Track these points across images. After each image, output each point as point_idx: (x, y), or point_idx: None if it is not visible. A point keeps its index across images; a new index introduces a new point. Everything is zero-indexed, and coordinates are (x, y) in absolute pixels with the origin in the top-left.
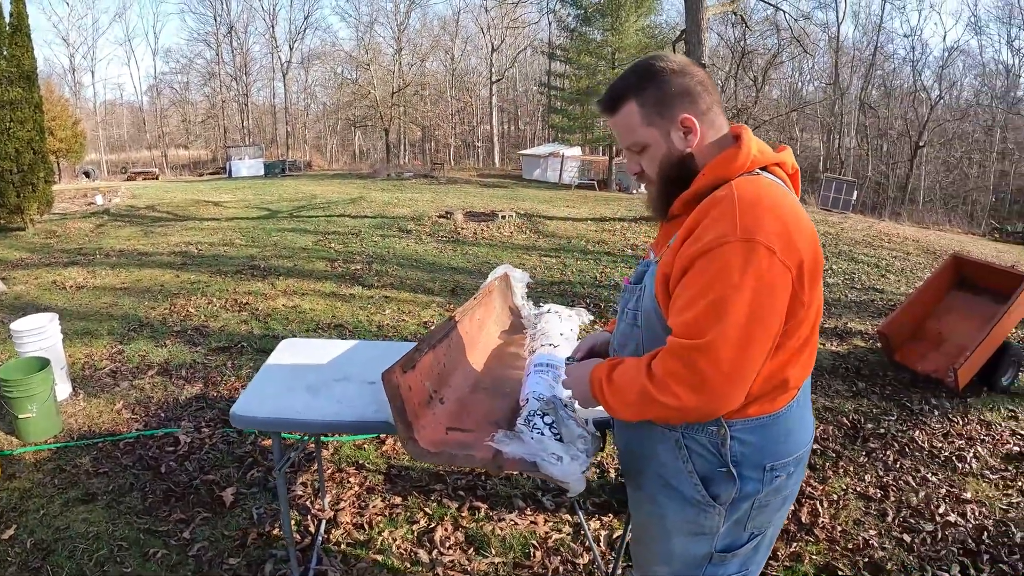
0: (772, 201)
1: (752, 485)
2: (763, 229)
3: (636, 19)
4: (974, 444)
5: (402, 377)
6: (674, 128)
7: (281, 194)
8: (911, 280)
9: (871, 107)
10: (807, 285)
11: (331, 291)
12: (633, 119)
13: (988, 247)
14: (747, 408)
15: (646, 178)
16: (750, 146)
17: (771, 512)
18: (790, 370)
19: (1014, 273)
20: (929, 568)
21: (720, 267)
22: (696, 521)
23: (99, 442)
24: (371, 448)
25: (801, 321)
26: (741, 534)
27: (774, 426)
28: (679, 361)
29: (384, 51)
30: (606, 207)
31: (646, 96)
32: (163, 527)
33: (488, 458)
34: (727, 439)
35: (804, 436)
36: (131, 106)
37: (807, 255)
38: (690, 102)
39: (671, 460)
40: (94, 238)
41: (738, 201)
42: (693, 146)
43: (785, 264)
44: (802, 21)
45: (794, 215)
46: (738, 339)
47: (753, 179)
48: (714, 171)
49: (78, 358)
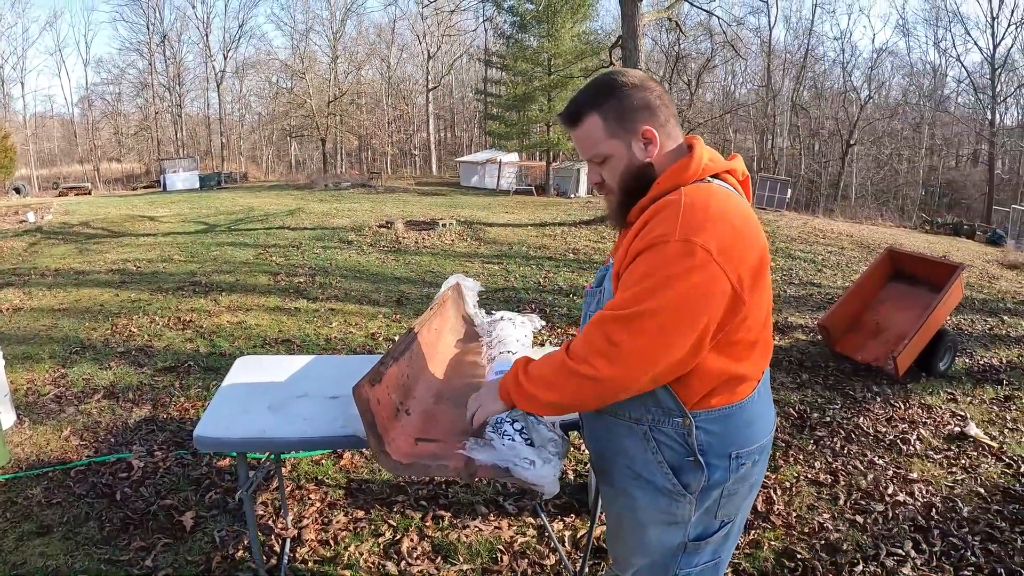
0: (718, 207)
1: (720, 473)
2: (703, 232)
3: (572, 26)
4: (917, 427)
5: (370, 391)
6: (635, 139)
7: (218, 207)
8: (847, 274)
9: (803, 108)
10: (747, 288)
11: (276, 305)
12: (596, 132)
13: (920, 239)
14: (710, 399)
15: (606, 188)
16: (702, 155)
17: (739, 500)
18: (743, 365)
19: (946, 263)
20: (883, 546)
21: (655, 261)
22: (668, 511)
23: (49, 471)
24: (329, 463)
25: (743, 320)
26: (712, 522)
27: (737, 416)
28: (598, 330)
29: (320, 59)
30: (545, 212)
31: (608, 109)
32: (124, 556)
33: (460, 467)
34: (692, 429)
35: (766, 426)
36: (62, 119)
37: (750, 259)
38: (650, 115)
39: (640, 452)
40: (28, 257)
41: (684, 205)
42: (652, 156)
43: (722, 267)
44: (735, 26)
45: (740, 220)
46: (659, 319)
47: (703, 186)
48: (669, 179)
49: (20, 384)
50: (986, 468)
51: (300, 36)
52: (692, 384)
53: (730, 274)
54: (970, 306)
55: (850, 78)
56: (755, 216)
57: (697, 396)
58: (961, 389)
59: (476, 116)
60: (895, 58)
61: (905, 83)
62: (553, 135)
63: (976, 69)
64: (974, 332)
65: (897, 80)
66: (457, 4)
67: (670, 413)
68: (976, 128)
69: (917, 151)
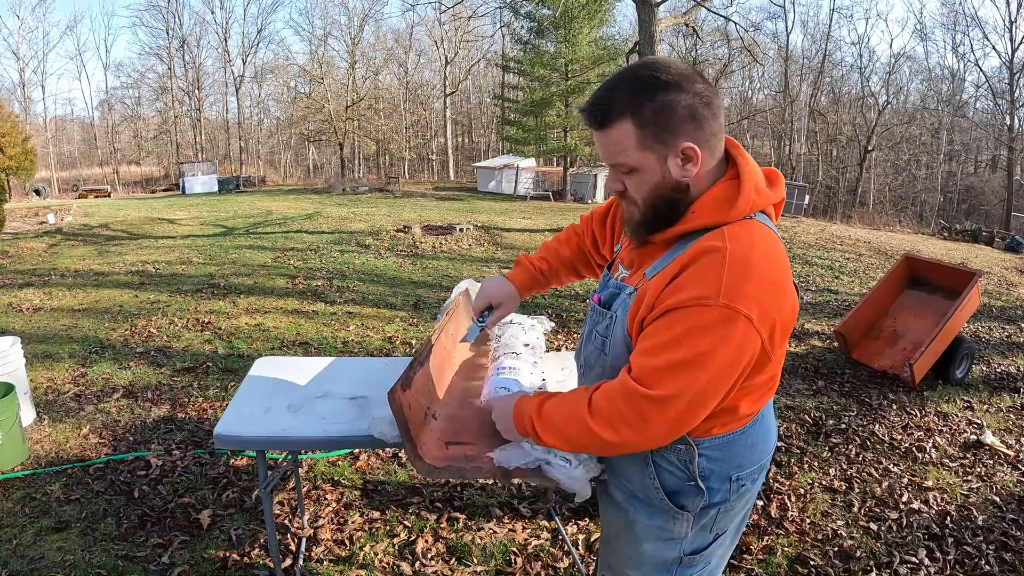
0: (762, 260)
1: (720, 495)
2: (746, 296)
3: (589, 31)
4: (932, 435)
5: (402, 396)
6: (672, 155)
7: (236, 210)
8: (864, 280)
9: (820, 113)
10: (776, 343)
11: (294, 308)
12: (626, 140)
13: (938, 246)
14: (711, 428)
15: (629, 198)
16: (750, 188)
17: (735, 514)
18: (752, 402)
19: (964, 270)
20: (897, 554)
21: (694, 326)
22: (665, 527)
23: (68, 468)
24: (345, 464)
25: (762, 367)
26: (707, 536)
27: (740, 440)
28: (629, 405)
29: (338, 65)
30: (562, 218)
31: (644, 114)
32: (141, 552)
33: (495, 467)
34: (695, 456)
35: (768, 445)
36: (82, 122)
37: (783, 315)
38: (695, 127)
39: (637, 477)
40: (48, 258)
41: (728, 261)
42: (691, 176)
43: (759, 331)
44: (752, 31)
45: (780, 271)
46: (692, 399)
47: (747, 230)
48: (711, 213)
49: (40, 382)
50: (1002, 476)
51: (319, 41)
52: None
53: (763, 334)
54: (988, 313)
55: (868, 83)
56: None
57: (701, 426)
58: (978, 397)
59: (493, 121)
60: (913, 63)
61: (923, 88)
62: (570, 141)
63: (994, 73)
64: (991, 340)
65: (915, 85)
66: (475, 10)
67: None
68: (995, 133)
69: (935, 157)
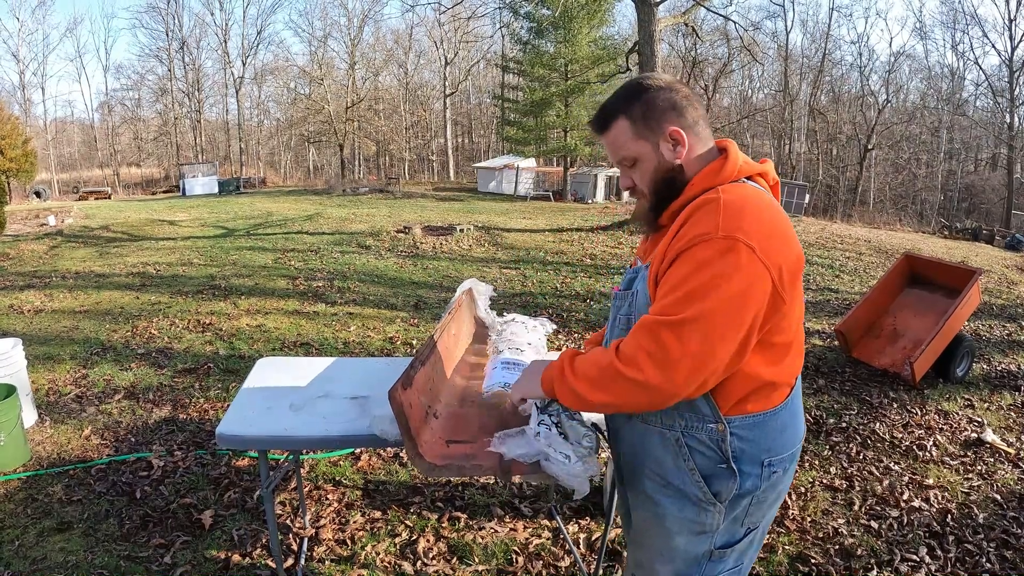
0: (756, 205)
1: (751, 481)
2: (744, 228)
3: (589, 31)
4: (933, 433)
5: (403, 395)
6: (663, 140)
7: (237, 212)
8: (864, 279)
9: (820, 112)
10: (787, 285)
11: (294, 309)
12: (623, 134)
13: (938, 244)
14: (744, 405)
15: (638, 192)
16: (736, 158)
17: (766, 507)
18: (778, 369)
19: (964, 269)
20: (898, 552)
21: (700, 260)
22: (697, 520)
23: (70, 469)
24: (347, 464)
25: (784, 318)
26: (738, 530)
27: (771, 422)
28: (648, 335)
29: (338, 66)
30: (563, 218)
31: (634, 111)
32: (143, 553)
33: (494, 465)
34: (727, 435)
35: (797, 432)
36: (82, 124)
37: (787, 257)
38: (677, 115)
39: (671, 459)
40: (49, 260)
41: (723, 204)
42: (682, 157)
43: (764, 263)
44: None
45: (776, 219)
46: (708, 324)
47: (739, 186)
48: (703, 181)
49: (41, 384)
50: (1002, 474)
51: (318, 42)
52: (729, 388)
53: (772, 271)
54: (988, 312)
55: (867, 82)
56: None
57: (733, 400)
58: (978, 395)
59: (493, 122)
60: (912, 61)
61: (923, 87)
62: (570, 141)
63: (994, 72)
64: (992, 338)
65: (915, 84)
66: (474, 11)
67: (704, 419)
68: (995, 132)
69: (935, 155)
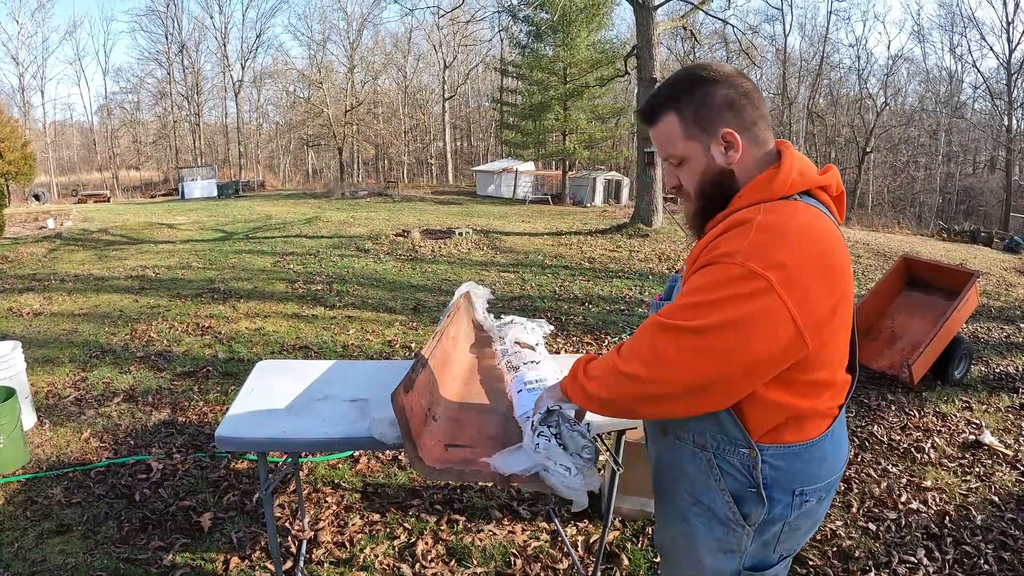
0: (798, 231)
1: (780, 509)
2: (770, 258)
3: (587, 34)
4: (931, 435)
5: (404, 398)
6: (715, 142)
7: (236, 215)
8: (863, 282)
9: (819, 115)
10: (813, 327)
11: (293, 312)
12: (672, 131)
13: (937, 247)
14: (780, 434)
15: (683, 193)
16: (791, 167)
17: (801, 535)
18: (810, 402)
19: (962, 271)
20: (896, 553)
21: (716, 280)
22: (725, 539)
23: (69, 472)
24: (345, 467)
25: (815, 358)
26: (771, 555)
27: (807, 454)
28: (647, 333)
29: (336, 69)
30: (561, 221)
31: (686, 108)
32: (142, 555)
33: (494, 472)
34: (758, 462)
35: (838, 463)
36: (81, 126)
37: (823, 295)
38: (733, 115)
39: (703, 478)
40: (48, 263)
41: (756, 225)
42: (735, 162)
43: (783, 300)
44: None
45: (820, 250)
46: (701, 342)
47: (787, 204)
48: (752, 193)
49: (41, 387)
50: (1000, 476)
51: (317, 46)
52: (758, 415)
53: (793, 309)
54: (986, 314)
55: (866, 85)
56: (843, 243)
57: (765, 428)
58: (976, 397)
59: (492, 125)
60: (911, 64)
61: (921, 89)
62: (569, 144)
63: (992, 74)
64: (990, 340)
65: (913, 87)
66: (473, 14)
67: (736, 443)
68: (993, 134)
69: (934, 158)
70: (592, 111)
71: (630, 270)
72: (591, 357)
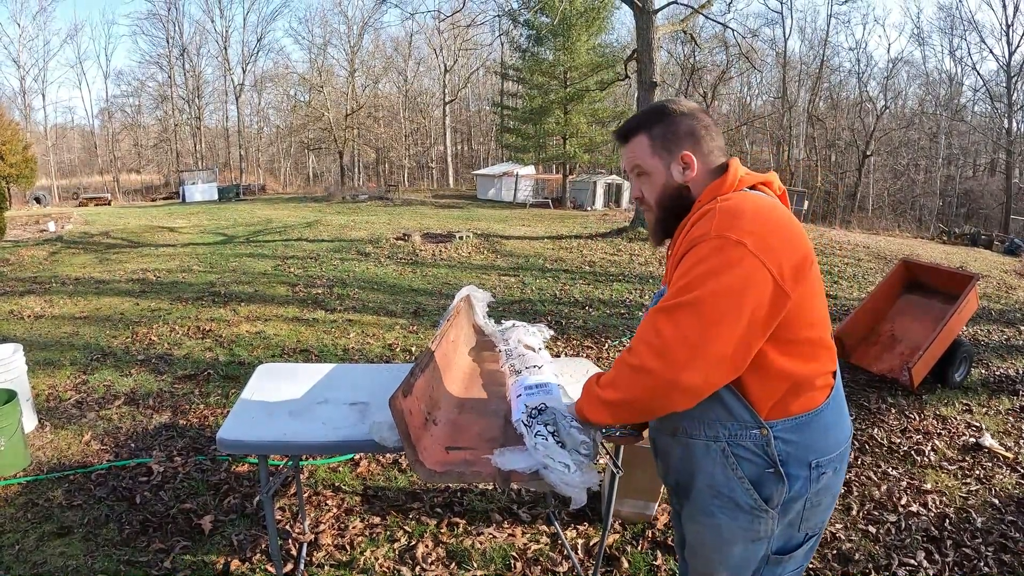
0: (753, 207)
1: (800, 483)
2: (736, 228)
3: (587, 39)
4: (931, 438)
5: (403, 402)
6: (675, 162)
7: (236, 218)
8: (863, 285)
9: (819, 119)
10: (789, 278)
11: (294, 316)
12: (641, 148)
13: (937, 250)
14: (784, 407)
15: (645, 204)
16: (736, 171)
17: (822, 511)
18: (810, 366)
19: (961, 274)
20: (896, 556)
21: (696, 258)
22: (751, 527)
23: (70, 474)
24: (346, 471)
25: (802, 312)
26: (796, 535)
27: (813, 423)
28: (647, 323)
29: (337, 73)
30: (562, 225)
31: (655, 131)
32: (143, 558)
33: (494, 472)
34: (771, 439)
35: (843, 432)
36: (82, 130)
37: (789, 253)
38: (693, 143)
39: (720, 470)
40: (48, 266)
41: (719, 209)
42: (689, 179)
43: (760, 258)
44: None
45: (777, 219)
46: (701, 309)
47: (739, 194)
48: (708, 195)
49: (42, 389)
50: (1000, 479)
51: (318, 50)
52: (763, 389)
53: (769, 265)
54: (986, 316)
55: (866, 88)
56: (797, 221)
57: (771, 403)
58: (976, 400)
59: (493, 129)
60: (911, 67)
61: (921, 93)
62: (569, 148)
63: (992, 77)
64: (990, 343)
65: (913, 90)
66: (473, 18)
67: (747, 425)
68: (993, 137)
69: (934, 161)
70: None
71: (630, 274)
72: (600, 374)
